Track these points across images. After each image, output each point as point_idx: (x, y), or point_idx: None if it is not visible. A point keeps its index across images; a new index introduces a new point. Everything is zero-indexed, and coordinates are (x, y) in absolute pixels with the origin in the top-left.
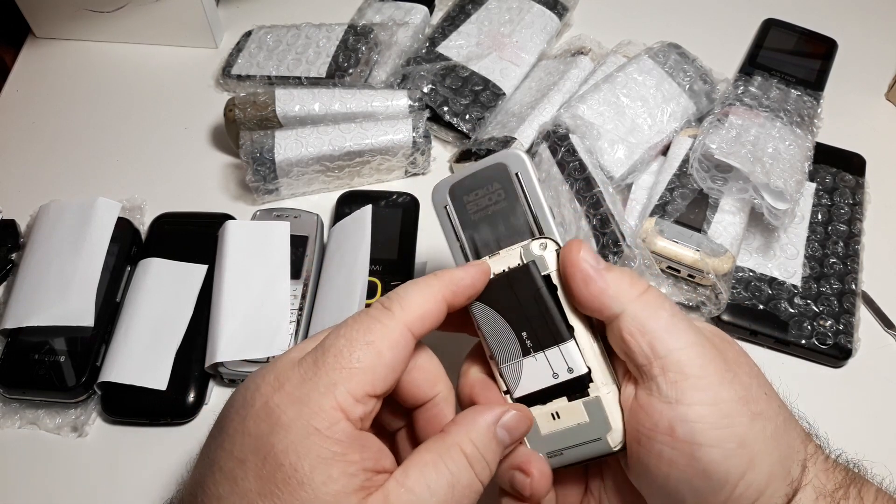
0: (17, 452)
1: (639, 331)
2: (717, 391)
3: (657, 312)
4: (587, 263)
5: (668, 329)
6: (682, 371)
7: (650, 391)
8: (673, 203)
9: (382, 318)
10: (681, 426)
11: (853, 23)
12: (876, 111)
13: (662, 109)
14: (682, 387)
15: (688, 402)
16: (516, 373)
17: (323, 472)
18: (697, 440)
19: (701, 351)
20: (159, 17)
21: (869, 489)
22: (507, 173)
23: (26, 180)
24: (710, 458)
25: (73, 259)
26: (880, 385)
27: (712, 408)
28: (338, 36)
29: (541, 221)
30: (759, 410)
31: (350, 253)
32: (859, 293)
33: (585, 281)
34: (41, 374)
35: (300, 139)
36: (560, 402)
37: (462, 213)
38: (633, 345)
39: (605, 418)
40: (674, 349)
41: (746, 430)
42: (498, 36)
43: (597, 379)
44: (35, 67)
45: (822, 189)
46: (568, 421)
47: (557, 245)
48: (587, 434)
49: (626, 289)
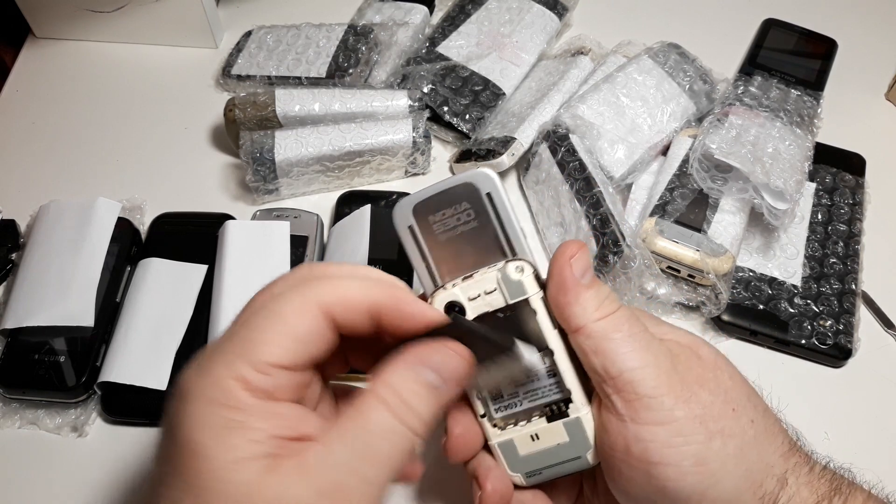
0: (17, 452)
1: (592, 350)
2: (670, 410)
3: (612, 334)
4: (568, 272)
5: (622, 350)
6: (634, 390)
7: (608, 408)
8: (673, 203)
9: (300, 287)
10: (635, 444)
11: (853, 23)
12: (876, 111)
13: (662, 109)
14: (635, 406)
15: (641, 420)
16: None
17: (222, 442)
18: (652, 459)
19: (654, 371)
20: (159, 17)
21: (856, 497)
22: (476, 193)
23: (26, 180)
24: (666, 476)
25: (73, 259)
26: (880, 385)
27: (665, 426)
28: (338, 36)
29: (514, 242)
30: (720, 428)
31: (349, 253)
32: (859, 293)
33: (559, 288)
34: (41, 374)
35: (300, 139)
36: (539, 424)
37: (428, 234)
38: (589, 362)
39: (584, 438)
40: (625, 370)
41: (703, 447)
42: (498, 36)
43: (576, 399)
44: (35, 67)
45: (822, 189)
46: (547, 442)
47: (533, 267)
48: (567, 453)
49: (591, 308)
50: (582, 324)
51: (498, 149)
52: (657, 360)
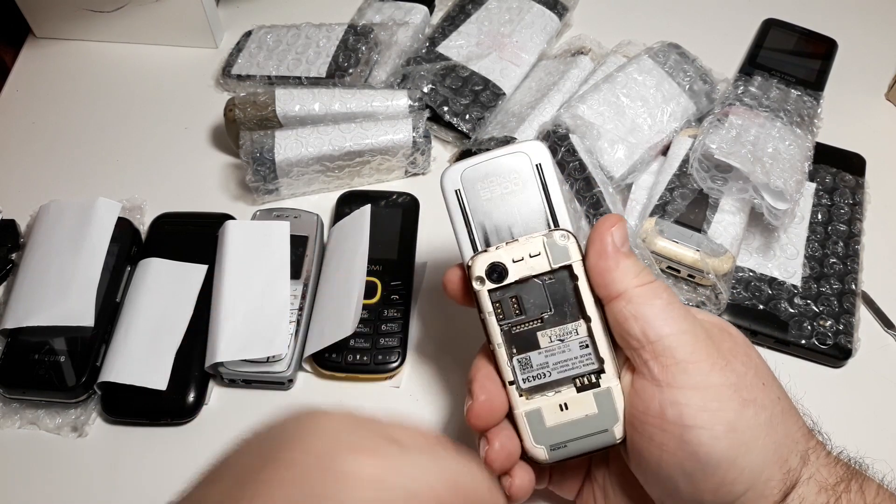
0: (17, 452)
1: (633, 315)
2: (706, 376)
3: (652, 300)
4: (611, 239)
5: (661, 316)
6: (672, 356)
7: (643, 375)
8: (673, 203)
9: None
10: (670, 408)
11: (853, 23)
12: (876, 111)
13: (662, 109)
14: (672, 370)
15: (677, 385)
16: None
17: None
18: (686, 422)
19: (691, 338)
20: (159, 17)
21: (870, 485)
22: (527, 163)
23: (26, 180)
24: (699, 441)
25: (73, 259)
26: (880, 385)
27: (701, 391)
28: (338, 36)
29: (558, 214)
30: (752, 397)
31: (349, 253)
32: (859, 293)
33: (600, 254)
34: (41, 374)
35: (300, 139)
36: (569, 393)
37: (474, 199)
38: (627, 328)
39: (614, 410)
40: (665, 335)
41: (736, 415)
42: (498, 36)
43: (608, 370)
44: (35, 67)
45: (822, 189)
46: (576, 412)
47: (576, 238)
48: (594, 426)
49: (630, 275)
50: (623, 289)
51: None
52: (694, 329)
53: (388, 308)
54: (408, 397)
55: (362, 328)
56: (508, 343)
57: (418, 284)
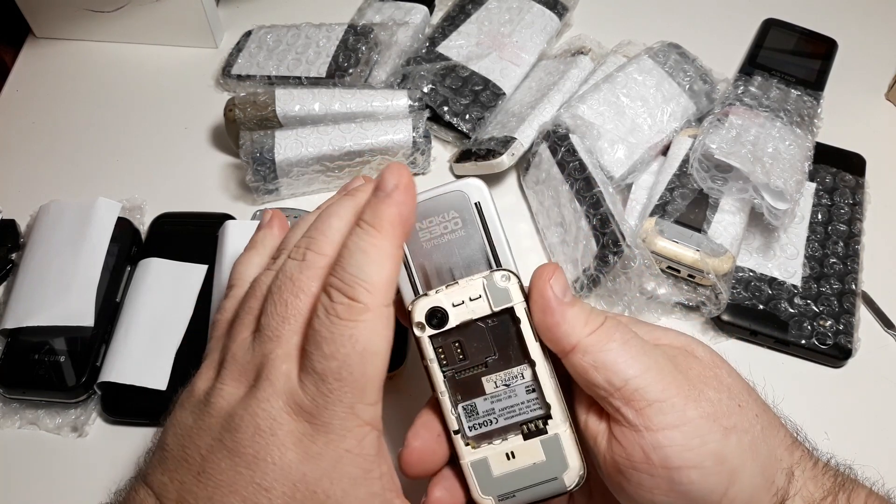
0: (17, 452)
1: (592, 365)
2: (682, 411)
3: (608, 345)
4: (551, 293)
5: (622, 358)
6: (643, 397)
7: (619, 422)
8: (673, 203)
9: (359, 316)
10: (654, 453)
11: (853, 23)
12: (876, 111)
13: (662, 109)
14: (647, 413)
15: (655, 427)
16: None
17: (353, 495)
18: (674, 464)
19: (658, 375)
20: (159, 17)
21: (859, 493)
22: (466, 202)
23: (26, 180)
24: (690, 480)
25: (73, 259)
26: (880, 385)
27: (682, 429)
28: (338, 36)
29: (499, 253)
30: (732, 424)
31: None
32: (859, 293)
33: (544, 311)
34: (41, 374)
35: (300, 139)
36: (515, 441)
37: (413, 240)
38: (590, 378)
39: (562, 457)
40: (630, 377)
41: (721, 445)
42: (498, 36)
43: (556, 416)
44: (35, 67)
45: (822, 189)
46: (523, 461)
47: (518, 278)
48: (543, 474)
49: (580, 325)
50: (575, 341)
51: (498, 149)
52: (658, 363)
53: None
54: (408, 397)
55: None
56: (453, 390)
57: None
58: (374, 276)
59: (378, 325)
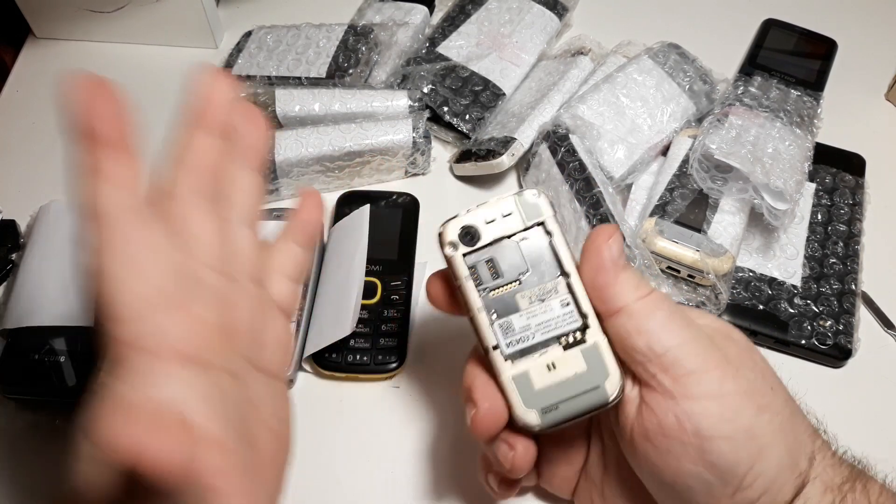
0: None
1: (635, 330)
2: (720, 384)
3: (654, 313)
4: (608, 253)
5: (665, 327)
6: (682, 366)
7: (653, 388)
8: (673, 203)
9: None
10: (687, 421)
11: (853, 23)
12: (876, 111)
13: (662, 109)
14: (685, 382)
15: (692, 396)
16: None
17: None
18: (706, 433)
19: (698, 347)
20: (159, 18)
21: (874, 485)
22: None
23: (26, 180)
24: (720, 451)
25: (73, 259)
26: (880, 385)
27: (717, 400)
28: (338, 36)
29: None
30: (765, 403)
31: (348, 253)
32: (859, 293)
33: (597, 269)
34: (41, 374)
35: (300, 139)
36: (555, 352)
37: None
38: (632, 343)
39: (603, 365)
40: (671, 346)
41: (753, 421)
42: (498, 36)
43: (592, 325)
44: (35, 67)
45: (822, 189)
46: (564, 372)
47: (546, 196)
48: (584, 383)
49: (629, 289)
50: (623, 303)
51: (498, 149)
52: (698, 337)
53: (388, 308)
54: (408, 397)
55: (362, 328)
56: (488, 308)
57: (418, 284)
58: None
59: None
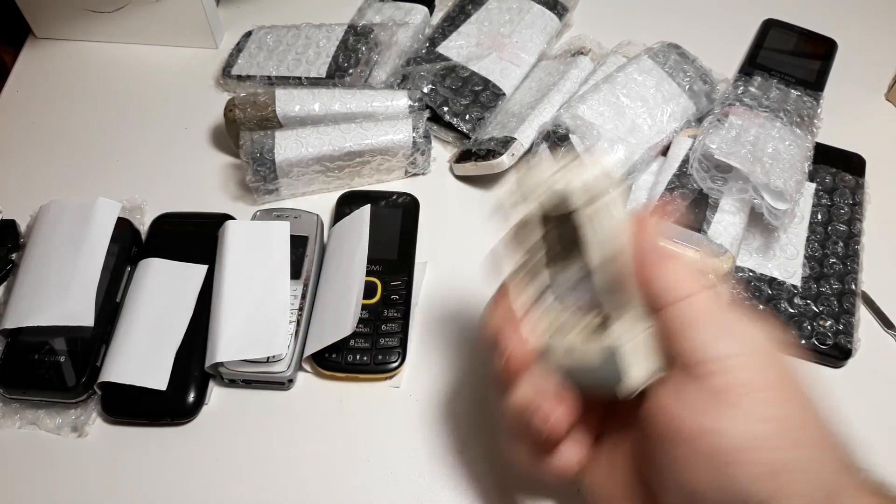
0: (17, 452)
1: (681, 332)
2: (765, 408)
3: (706, 317)
4: (649, 244)
5: (718, 334)
6: (735, 377)
7: (686, 395)
8: (673, 203)
9: None
10: (717, 438)
11: (853, 23)
12: (876, 111)
13: (662, 109)
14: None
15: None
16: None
17: None
18: (729, 458)
19: (755, 361)
20: (159, 18)
21: None
22: None
23: (26, 180)
24: (740, 479)
25: (73, 259)
26: (880, 385)
27: (760, 424)
28: (338, 36)
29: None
30: (806, 437)
31: (349, 253)
32: (859, 293)
33: (639, 260)
34: (41, 374)
35: (300, 139)
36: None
37: None
38: (677, 344)
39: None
40: (728, 354)
41: (785, 455)
42: (498, 36)
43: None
44: (35, 67)
45: (822, 189)
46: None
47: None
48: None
49: (675, 286)
50: (678, 296)
51: (498, 149)
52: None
53: (388, 308)
54: (408, 397)
55: (362, 328)
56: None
57: (418, 284)
58: None
59: None
